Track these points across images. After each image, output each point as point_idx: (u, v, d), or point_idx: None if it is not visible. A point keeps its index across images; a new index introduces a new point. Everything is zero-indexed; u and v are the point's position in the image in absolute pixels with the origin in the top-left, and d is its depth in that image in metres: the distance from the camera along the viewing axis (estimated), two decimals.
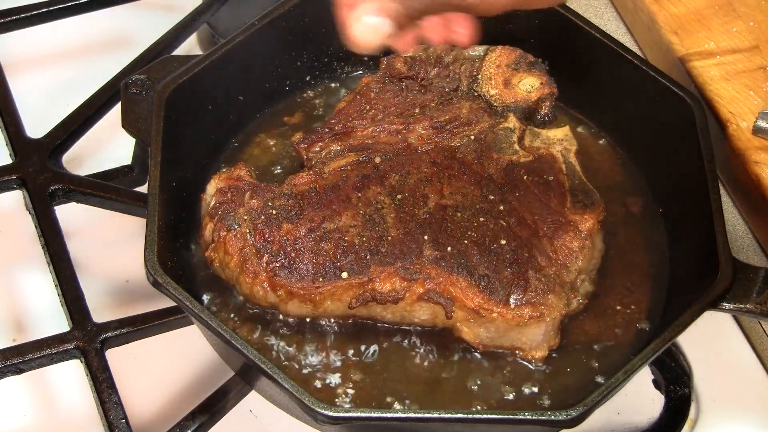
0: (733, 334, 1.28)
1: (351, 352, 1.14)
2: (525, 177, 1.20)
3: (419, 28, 0.95)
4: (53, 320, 1.21)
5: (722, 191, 1.22)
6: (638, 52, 1.36)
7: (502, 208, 1.15)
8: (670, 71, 1.28)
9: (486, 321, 1.11)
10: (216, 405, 1.14)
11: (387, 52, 1.34)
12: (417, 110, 1.25)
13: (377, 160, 1.19)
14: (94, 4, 1.46)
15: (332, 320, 1.15)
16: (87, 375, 1.14)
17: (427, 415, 1.02)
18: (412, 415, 1.04)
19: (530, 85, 1.27)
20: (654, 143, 1.27)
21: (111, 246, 1.32)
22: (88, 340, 1.16)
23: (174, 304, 1.08)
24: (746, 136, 1.25)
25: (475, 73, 1.28)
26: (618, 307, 1.19)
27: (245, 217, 1.14)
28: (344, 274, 1.11)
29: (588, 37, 1.28)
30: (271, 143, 1.30)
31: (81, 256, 1.27)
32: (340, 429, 1.06)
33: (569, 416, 1.01)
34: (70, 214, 1.28)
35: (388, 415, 1.03)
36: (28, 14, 1.43)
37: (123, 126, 1.21)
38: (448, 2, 0.91)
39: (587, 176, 1.22)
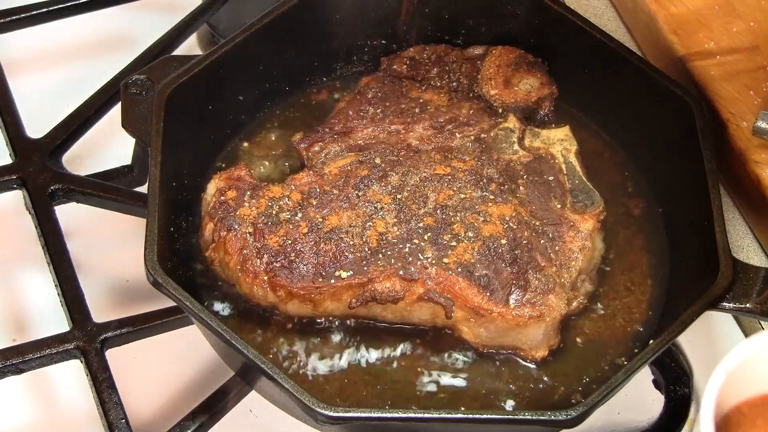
0: (733, 334, 1.28)
1: (351, 351, 1.14)
2: (525, 177, 1.20)
3: None
4: (53, 320, 1.21)
5: (722, 191, 1.22)
6: (638, 52, 1.36)
7: (502, 208, 1.15)
8: (670, 71, 1.28)
9: (486, 321, 1.11)
10: (216, 405, 1.14)
11: (387, 52, 1.34)
12: (417, 110, 1.25)
13: (377, 160, 1.19)
14: (94, 4, 1.46)
15: (332, 320, 1.15)
16: (87, 375, 1.14)
17: (427, 415, 1.02)
18: (412, 415, 1.04)
19: (530, 85, 1.27)
20: (654, 143, 1.27)
21: (111, 246, 1.32)
22: (88, 340, 1.16)
23: (174, 304, 1.08)
24: (746, 136, 1.25)
25: (475, 73, 1.28)
26: (618, 307, 1.19)
27: (245, 218, 1.14)
28: (344, 274, 1.11)
29: (588, 37, 1.28)
30: (272, 143, 1.30)
31: (81, 256, 1.27)
32: (340, 429, 1.06)
33: (569, 416, 1.01)
34: (70, 214, 1.28)
35: (388, 415, 1.03)
36: (28, 14, 1.43)
37: (123, 126, 1.21)
38: None
39: (587, 176, 1.22)
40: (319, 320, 1.15)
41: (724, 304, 1.10)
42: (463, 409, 1.10)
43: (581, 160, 1.23)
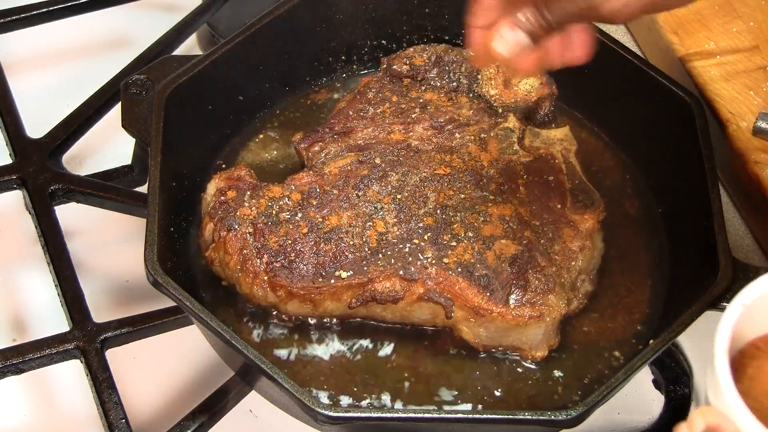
0: None
1: (351, 351, 1.14)
2: (525, 177, 1.20)
3: (542, 49, 0.95)
4: (53, 320, 1.21)
5: (722, 191, 1.22)
6: (638, 52, 1.36)
7: (502, 208, 1.15)
8: (670, 71, 1.28)
9: (486, 321, 1.11)
10: (216, 405, 1.14)
11: (387, 51, 1.34)
12: (417, 110, 1.25)
13: (377, 160, 1.19)
14: (94, 4, 1.45)
15: (332, 320, 1.15)
16: (87, 375, 1.14)
17: (427, 415, 1.03)
18: (412, 415, 1.04)
19: (530, 85, 1.27)
20: (654, 143, 1.27)
21: (111, 246, 1.32)
22: (88, 340, 1.16)
23: (174, 304, 1.08)
24: (746, 136, 1.25)
25: (475, 73, 1.28)
26: (618, 307, 1.19)
27: (245, 218, 1.14)
28: (344, 274, 1.11)
29: None
30: (272, 143, 1.30)
31: (81, 256, 1.27)
32: (340, 429, 1.06)
33: (569, 416, 1.01)
34: (70, 214, 1.28)
35: (389, 415, 1.03)
36: (28, 14, 1.43)
37: (123, 126, 1.21)
38: (582, 12, 0.91)
39: (587, 176, 1.22)
40: (319, 320, 1.15)
41: (724, 304, 1.10)
42: (463, 409, 1.11)
43: (581, 160, 1.23)
